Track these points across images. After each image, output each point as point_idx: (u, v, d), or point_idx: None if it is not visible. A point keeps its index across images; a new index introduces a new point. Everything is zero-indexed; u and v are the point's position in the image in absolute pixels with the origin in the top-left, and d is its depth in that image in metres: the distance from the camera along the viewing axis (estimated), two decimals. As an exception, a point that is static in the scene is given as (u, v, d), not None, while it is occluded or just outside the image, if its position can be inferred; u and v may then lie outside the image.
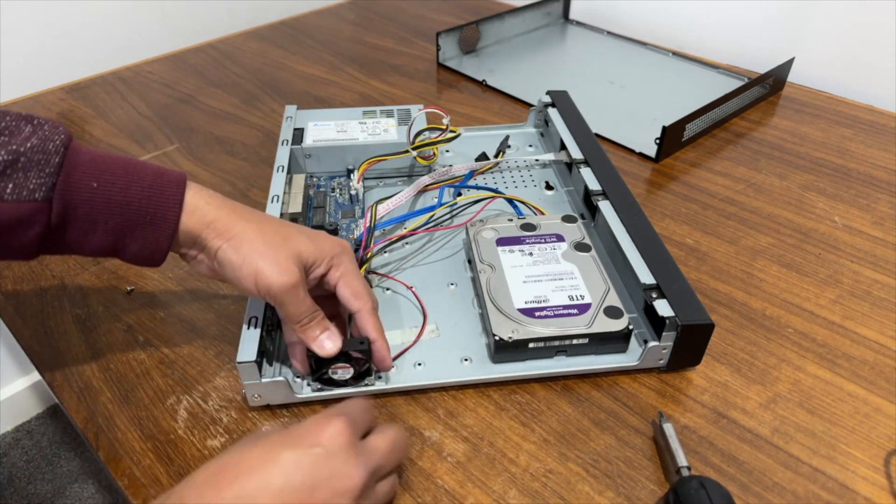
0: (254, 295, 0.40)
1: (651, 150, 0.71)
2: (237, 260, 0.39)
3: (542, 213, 0.57)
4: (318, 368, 0.42)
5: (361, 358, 0.42)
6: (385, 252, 0.56)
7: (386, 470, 0.35)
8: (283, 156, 0.61)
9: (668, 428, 0.40)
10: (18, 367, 1.24)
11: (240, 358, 0.41)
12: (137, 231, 0.38)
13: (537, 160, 0.67)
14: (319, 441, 0.32)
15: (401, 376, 0.45)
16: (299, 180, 0.61)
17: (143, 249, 0.38)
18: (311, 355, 0.42)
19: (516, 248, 0.51)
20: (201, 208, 0.39)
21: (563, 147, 0.64)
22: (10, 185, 0.34)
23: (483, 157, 0.66)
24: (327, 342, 0.41)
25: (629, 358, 0.46)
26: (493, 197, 0.57)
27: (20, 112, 0.37)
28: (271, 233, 0.40)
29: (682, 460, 0.38)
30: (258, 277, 0.38)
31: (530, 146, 0.71)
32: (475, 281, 0.51)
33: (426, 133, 0.61)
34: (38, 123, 0.36)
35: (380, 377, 0.45)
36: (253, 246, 0.39)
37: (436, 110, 0.61)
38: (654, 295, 0.45)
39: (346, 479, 0.32)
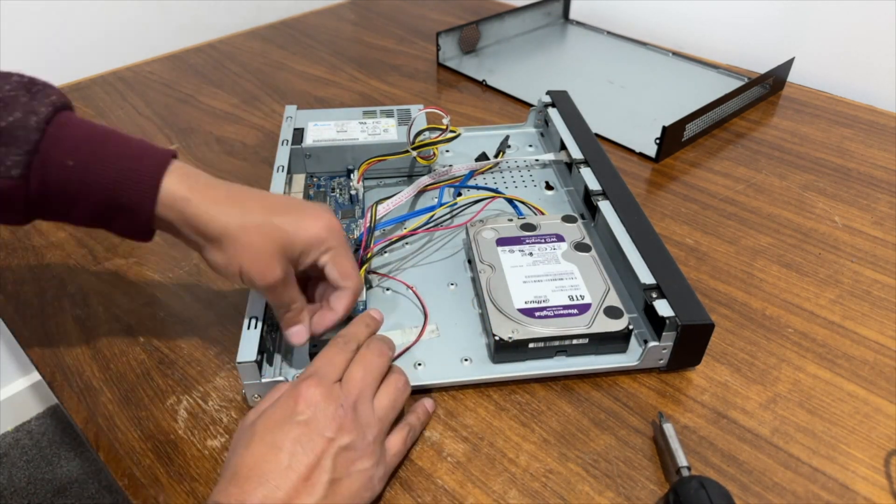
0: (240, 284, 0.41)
1: (651, 150, 0.71)
2: (221, 261, 0.39)
3: (542, 213, 0.57)
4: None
5: None
6: (385, 252, 0.56)
7: (368, 392, 0.38)
8: (283, 156, 0.61)
9: (668, 428, 0.40)
10: (18, 367, 1.24)
11: (240, 358, 0.41)
12: (117, 213, 0.37)
13: (537, 160, 0.67)
14: (297, 410, 0.36)
15: (401, 376, 0.45)
16: (299, 180, 0.61)
17: (126, 229, 0.38)
18: (312, 353, 0.42)
19: (516, 248, 0.51)
20: (178, 202, 0.37)
21: (563, 147, 0.64)
22: None
23: (483, 157, 0.66)
24: (296, 334, 0.42)
25: (629, 358, 0.46)
26: (493, 197, 0.57)
27: (23, 77, 0.36)
28: (255, 229, 0.39)
29: (682, 460, 0.38)
30: (242, 275, 0.39)
31: (530, 146, 0.71)
32: (475, 281, 0.51)
33: (426, 133, 0.61)
34: (35, 92, 0.36)
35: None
36: (236, 246, 0.38)
37: (436, 110, 0.61)
38: (654, 295, 0.45)
39: (332, 423, 0.35)
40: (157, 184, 0.37)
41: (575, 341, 0.45)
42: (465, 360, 0.46)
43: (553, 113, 0.68)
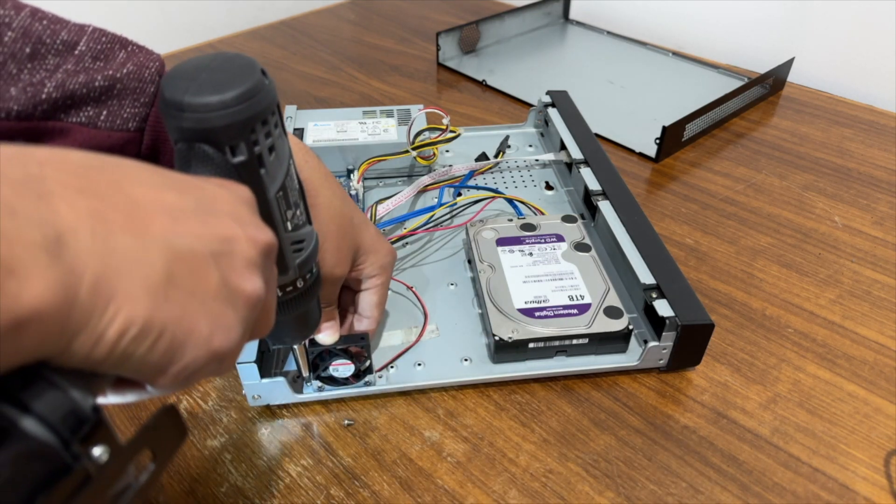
0: None
1: (651, 150, 0.70)
2: None
3: (542, 213, 0.57)
4: (319, 365, 0.42)
5: (362, 353, 0.42)
6: (385, 252, 0.56)
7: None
8: (283, 156, 0.61)
9: None
10: (18, 367, 1.24)
11: (240, 358, 0.41)
12: None
13: (537, 160, 0.67)
14: None
15: (401, 376, 0.45)
16: (299, 180, 0.61)
17: None
18: (312, 351, 0.42)
19: (516, 248, 0.51)
20: (296, 163, 0.36)
21: (563, 147, 0.64)
22: (105, 113, 0.33)
23: (483, 157, 0.66)
24: (328, 333, 0.41)
25: (629, 358, 0.46)
26: (493, 197, 0.57)
27: (114, 33, 0.35)
28: (348, 215, 0.39)
29: None
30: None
31: (530, 146, 0.71)
32: (475, 281, 0.51)
33: (426, 133, 0.61)
34: (133, 50, 0.35)
35: (381, 376, 0.45)
36: (329, 223, 0.37)
37: (436, 110, 0.61)
38: (654, 295, 0.45)
39: None
40: None
41: (575, 341, 0.45)
42: (465, 360, 0.46)
43: (553, 113, 0.68)
